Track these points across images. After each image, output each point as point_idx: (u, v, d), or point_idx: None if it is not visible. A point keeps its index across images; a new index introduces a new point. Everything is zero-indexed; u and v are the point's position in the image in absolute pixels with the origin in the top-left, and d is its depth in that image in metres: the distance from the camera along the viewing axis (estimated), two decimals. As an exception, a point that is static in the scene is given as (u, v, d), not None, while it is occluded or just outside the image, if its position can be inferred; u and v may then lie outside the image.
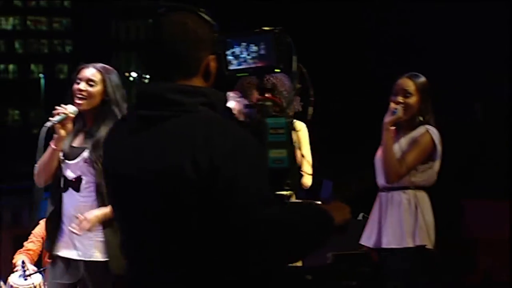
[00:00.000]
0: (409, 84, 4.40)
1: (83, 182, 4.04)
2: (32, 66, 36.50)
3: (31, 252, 5.05)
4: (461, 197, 6.59)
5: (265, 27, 1.96)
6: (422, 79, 4.36)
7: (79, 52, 35.60)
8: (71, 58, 35.97)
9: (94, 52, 34.15)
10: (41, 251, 5.09)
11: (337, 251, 5.11)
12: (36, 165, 3.94)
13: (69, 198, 4.01)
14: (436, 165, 4.43)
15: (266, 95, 2.23)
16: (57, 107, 3.86)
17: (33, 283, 4.63)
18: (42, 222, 4.75)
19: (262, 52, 1.98)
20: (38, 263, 5.08)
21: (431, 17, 6.98)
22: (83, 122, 3.99)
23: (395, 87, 4.38)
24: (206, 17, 1.76)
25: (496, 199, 6.34)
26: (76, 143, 4.00)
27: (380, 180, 4.35)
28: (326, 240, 1.76)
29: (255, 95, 5.03)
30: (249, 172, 1.64)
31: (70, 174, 4.03)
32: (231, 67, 1.98)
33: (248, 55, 1.99)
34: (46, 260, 5.21)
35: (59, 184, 3.99)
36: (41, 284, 4.64)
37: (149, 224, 1.72)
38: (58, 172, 3.96)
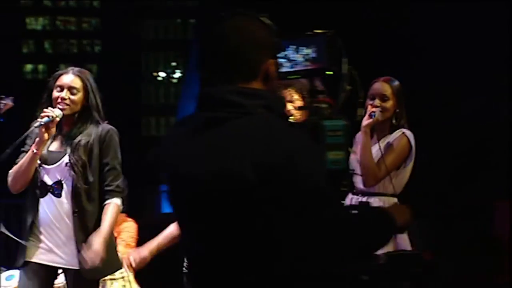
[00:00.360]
0: (385, 88, 4.39)
1: (65, 187, 4.01)
2: (62, 66, 36.75)
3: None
4: (493, 197, 6.53)
5: (317, 30, 2.01)
6: (397, 82, 4.37)
7: (107, 52, 35.77)
8: (100, 58, 36.16)
9: (122, 52, 34.33)
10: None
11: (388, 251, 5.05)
12: (10, 171, 3.88)
13: (48, 204, 3.96)
14: (409, 170, 4.42)
15: (320, 97, 2.23)
16: (45, 110, 3.84)
17: (62, 282, 4.63)
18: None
19: (314, 54, 2.02)
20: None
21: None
22: (60, 127, 3.97)
23: (371, 91, 4.37)
24: (267, 21, 1.82)
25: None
26: (54, 147, 3.98)
27: (358, 184, 4.31)
28: (387, 241, 1.80)
29: (286, 95, 5.00)
30: (310, 173, 1.68)
31: (48, 179, 3.99)
32: (283, 70, 2.02)
33: (300, 57, 2.02)
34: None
35: (35, 190, 3.93)
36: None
37: (210, 225, 1.76)
38: (35, 177, 3.93)
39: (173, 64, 37.41)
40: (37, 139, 3.87)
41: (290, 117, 4.93)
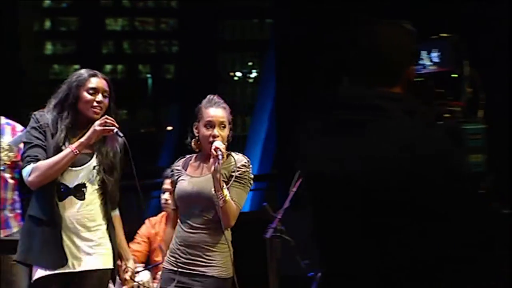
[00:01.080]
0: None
1: (89, 190, 4.00)
2: (140, 66, 37.17)
3: (137, 254, 5.06)
4: None
5: (443, 34, 2.06)
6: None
7: (184, 52, 36.03)
8: (177, 58, 36.45)
9: (199, 52, 34.52)
10: (149, 251, 5.09)
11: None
12: (34, 165, 3.85)
13: (69, 207, 3.94)
14: None
15: (450, 100, 2.25)
16: (107, 119, 3.88)
17: (141, 280, 4.65)
18: (148, 222, 4.76)
19: (440, 58, 2.04)
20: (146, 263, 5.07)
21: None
22: (85, 129, 3.97)
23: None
24: (410, 28, 1.91)
25: None
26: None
27: None
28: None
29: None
30: (454, 176, 1.75)
31: (72, 182, 3.98)
32: None
33: (427, 61, 2.07)
34: (154, 258, 5.23)
35: (54, 192, 3.91)
36: (150, 281, 4.64)
37: (351, 223, 1.86)
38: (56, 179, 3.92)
39: (250, 63, 37.49)
40: (81, 140, 3.88)
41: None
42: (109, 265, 4.02)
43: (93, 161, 3.98)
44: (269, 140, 4.14)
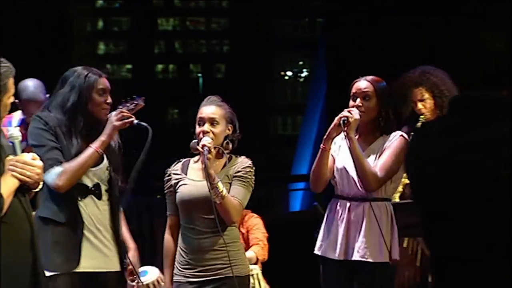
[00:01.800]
0: (368, 86, 4.19)
1: (103, 189, 3.98)
2: (191, 66, 37.38)
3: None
4: None
5: None
6: (383, 83, 4.16)
7: (235, 52, 36.14)
8: (228, 58, 36.58)
9: (249, 51, 34.61)
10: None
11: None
12: (60, 169, 3.80)
13: (87, 207, 3.92)
14: (404, 174, 4.22)
15: None
16: (122, 112, 3.86)
17: (149, 279, 4.64)
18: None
19: None
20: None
21: None
22: (96, 128, 3.93)
23: (353, 90, 4.17)
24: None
25: None
26: None
27: (351, 190, 4.13)
28: None
29: (416, 94, 4.88)
30: None
31: (89, 181, 3.96)
32: None
33: None
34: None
35: (75, 192, 3.88)
36: (160, 278, 4.63)
37: (461, 223, 1.96)
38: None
39: (300, 63, 37.47)
40: (102, 139, 3.86)
41: (421, 116, 4.82)
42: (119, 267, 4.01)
43: (105, 161, 3.97)
44: (320, 139, 4.15)
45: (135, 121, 3.85)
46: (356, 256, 4.17)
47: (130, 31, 35.72)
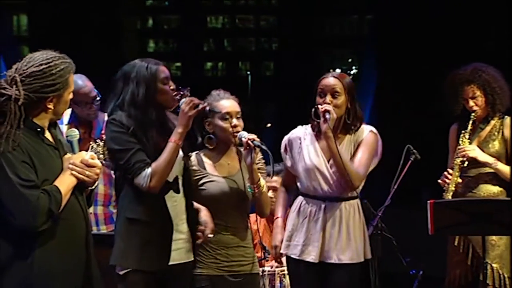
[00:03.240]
0: (336, 83, 4.10)
1: (180, 183, 3.96)
2: (240, 64, 37.42)
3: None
4: None
5: None
6: (349, 78, 4.09)
7: (284, 50, 36.08)
8: (277, 56, 36.53)
9: (298, 49, 34.51)
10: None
11: None
12: (149, 170, 3.79)
13: (168, 201, 3.91)
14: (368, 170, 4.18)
15: None
16: (193, 100, 3.84)
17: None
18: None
19: None
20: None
21: None
22: (166, 120, 3.92)
23: (321, 87, 4.10)
24: None
25: None
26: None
27: (325, 189, 4.06)
28: None
29: (468, 91, 4.82)
30: None
31: (171, 175, 3.94)
32: None
33: None
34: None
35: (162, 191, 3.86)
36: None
37: None
38: None
39: (349, 60, 37.27)
40: (179, 130, 3.83)
41: (472, 114, 4.75)
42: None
43: (180, 151, 3.96)
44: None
45: (208, 108, 3.89)
46: (334, 259, 4.12)
47: (179, 29, 35.86)
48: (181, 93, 3.93)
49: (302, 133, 4.30)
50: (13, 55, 10.85)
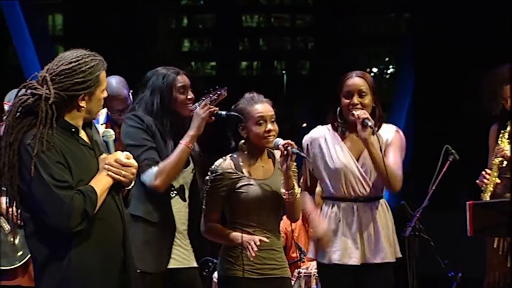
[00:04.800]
0: (362, 83, 4.06)
1: (186, 192, 3.96)
2: (275, 63, 37.39)
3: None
4: None
5: None
6: (371, 77, 4.07)
7: (320, 49, 36.00)
8: (312, 55, 36.46)
9: (334, 48, 34.41)
10: (284, 247, 5.11)
11: None
12: (156, 169, 3.79)
13: (173, 207, 3.91)
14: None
15: None
16: (207, 104, 3.84)
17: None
18: (286, 218, 4.76)
19: None
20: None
21: None
22: (180, 125, 3.91)
23: (347, 88, 4.05)
24: None
25: None
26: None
27: (357, 191, 4.02)
28: None
29: (507, 91, 4.78)
30: None
31: (176, 182, 3.95)
32: None
33: None
34: (290, 255, 5.25)
35: (169, 192, 3.87)
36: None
37: None
38: None
39: (386, 59, 37.09)
40: (191, 133, 3.85)
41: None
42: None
43: (191, 163, 3.99)
44: (407, 137, 4.08)
45: (223, 112, 3.89)
46: (375, 259, 4.10)
47: (214, 28, 35.95)
48: (218, 92, 3.95)
49: (323, 133, 4.28)
50: (49, 55, 10.95)
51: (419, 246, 4.39)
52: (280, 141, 4.00)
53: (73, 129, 3.36)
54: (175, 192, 3.93)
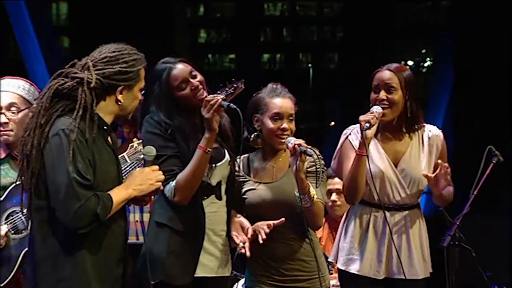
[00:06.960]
0: (391, 77, 4.01)
1: (222, 189, 3.95)
2: (301, 55, 37.38)
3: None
4: None
5: None
6: (407, 71, 4.01)
7: (349, 40, 35.95)
8: (341, 47, 36.41)
9: (365, 39, 34.35)
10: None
11: None
12: (173, 183, 3.80)
13: (207, 208, 3.89)
14: None
15: None
16: (206, 100, 3.82)
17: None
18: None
19: None
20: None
21: None
22: (198, 120, 3.90)
23: (375, 82, 4.00)
24: None
25: None
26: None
27: (391, 197, 3.97)
28: None
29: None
30: None
31: (214, 179, 3.93)
32: None
33: None
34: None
35: (198, 192, 3.86)
36: None
37: None
38: None
39: (423, 51, 36.98)
40: (206, 136, 3.84)
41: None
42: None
43: (227, 155, 3.99)
44: (445, 135, 4.06)
45: (225, 103, 3.87)
46: (403, 275, 4.06)
47: (233, 17, 35.98)
48: (234, 85, 3.96)
49: (355, 133, 4.25)
50: (52, 46, 11.01)
51: (459, 257, 4.37)
52: (292, 140, 3.98)
53: (105, 127, 3.45)
54: (209, 192, 3.93)
